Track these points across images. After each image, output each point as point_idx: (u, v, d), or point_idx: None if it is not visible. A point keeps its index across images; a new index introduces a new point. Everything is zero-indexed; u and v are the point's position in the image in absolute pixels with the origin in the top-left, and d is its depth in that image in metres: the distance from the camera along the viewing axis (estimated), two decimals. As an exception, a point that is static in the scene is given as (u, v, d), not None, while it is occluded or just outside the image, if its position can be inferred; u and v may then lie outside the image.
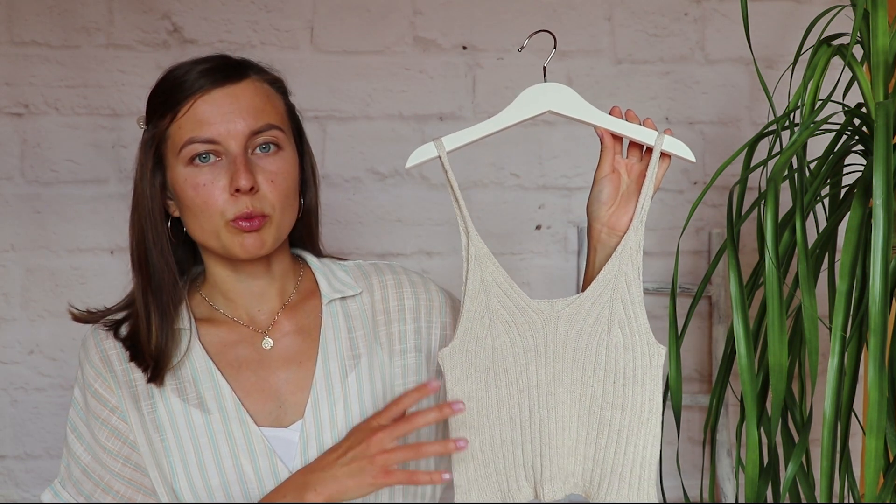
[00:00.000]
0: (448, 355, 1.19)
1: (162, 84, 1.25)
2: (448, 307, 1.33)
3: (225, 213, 1.20)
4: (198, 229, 1.23)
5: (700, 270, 2.02)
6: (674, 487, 1.90)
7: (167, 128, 1.22)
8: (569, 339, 1.19)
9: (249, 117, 1.21)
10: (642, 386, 1.18)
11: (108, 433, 1.25)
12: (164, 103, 1.23)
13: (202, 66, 1.23)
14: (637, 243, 1.20)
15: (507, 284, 1.19)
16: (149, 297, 1.25)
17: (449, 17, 1.95)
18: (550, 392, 1.19)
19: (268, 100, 1.25)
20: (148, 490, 1.25)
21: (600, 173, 1.24)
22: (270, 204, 1.22)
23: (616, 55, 1.99)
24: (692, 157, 1.22)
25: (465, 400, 1.18)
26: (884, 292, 1.31)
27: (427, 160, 1.21)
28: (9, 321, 1.88)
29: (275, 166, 1.23)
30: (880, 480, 1.38)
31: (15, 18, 1.86)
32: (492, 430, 1.19)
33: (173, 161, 1.22)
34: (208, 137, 1.20)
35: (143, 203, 1.25)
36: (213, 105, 1.20)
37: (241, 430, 1.24)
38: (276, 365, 1.27)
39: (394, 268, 1.35)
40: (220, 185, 1.20)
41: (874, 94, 1.52)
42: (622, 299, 1.19)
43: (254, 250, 1.22)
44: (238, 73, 1.23)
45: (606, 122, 1.22)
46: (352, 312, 1.30)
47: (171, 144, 1.22)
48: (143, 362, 1.25)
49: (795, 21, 2.00)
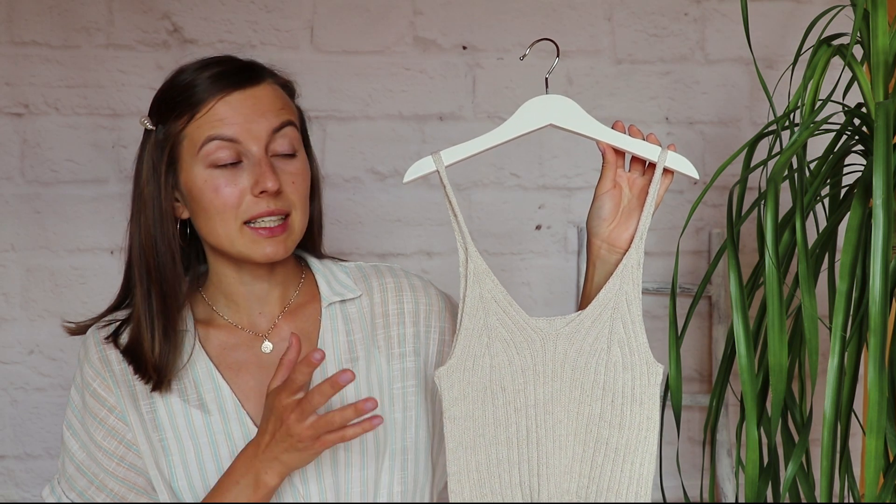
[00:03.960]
0: (445, 374, 1.17)
1: (174, 85, 1.24)
2: (447, 312, 1.33)
3: (244, 213, 1.20)
4: (212, 232, 1.22)
5: (700, 270, 2.02)
6: (674, 487, 1.90)
7: (184, 128, 1.21)
8: (567, 358, 1.18)
9: (270, 116, 1.22)
10: (640, 405, 1.18)
11: (105, 432, 1.25)
12: (180, 104, 1.21)
13: (216, 68, 1.23)
14: (637, 261, 1.20)
15: (507, 302, 1.18)
16: (153, 304, 1.23)
17: (449, 17, 1.95)
18: (548, 411, 1.18)
19: (284, 102, 1.26)
20: (141, 489, 1.25)
21: (601, 189, 1.22)
22: (293, 204, 1.23)
23: (616, 55, 1.99)
24: (696, 175, 1.21)
25: (462, 419, 1.17)
26: (884, 292, 1.31)
27: (425, 174, 1.21)
28: (9, 321, 1.88)
29: (294, 168, 1.24)
30: (880, 480, 1.38)
31: (15, 18, 1.86)
32: (488, 449, 1.18)
33: (190, 161, 1.21)
34: (230, 135, 1.19)
35: (152, 205, 1.23)
36: (233, 106, 1.20)
37: (240, 431, 1.24)
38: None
39: (394, 271, 1.35)
40: (241, 187, 1.20)
41: (874, 94, 1.52)
42: (622, 318, 1.18)
43: (275, 256, 1.22)
44: (256, 75, 1.23)
45: (609, 137, 1.21)
46: (351, 315, 1.30)
47: (187, 144, 1.21)
48: (145, 374, 1.23)
49: (795, 21, 2.00)
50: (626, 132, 1.22)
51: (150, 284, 1.23)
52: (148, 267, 1.23)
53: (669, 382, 1.54)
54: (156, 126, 1.23)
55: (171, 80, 1.25)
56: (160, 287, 1.23)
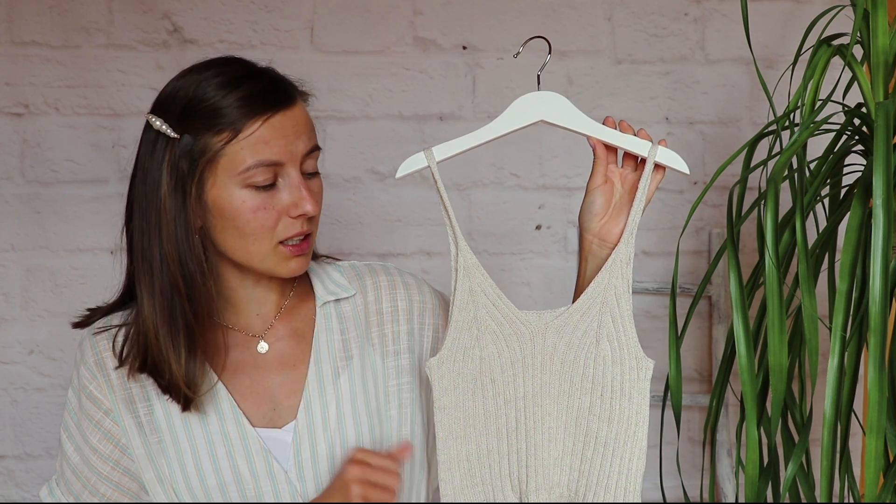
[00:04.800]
0: (436, 365, 1.19)
1: (204, 97, 1.18)
2: (441, 310, 1.33)
3: (278, 234, 1.20)
4: (240, 249, 1.21)
5: (700, 270, 2.02)
6: (674, 487, 1.90)
7: (224, 146, 1.17)
8: (556, 351, 1.19)
9: (305, 138, 1.22)
10: (630, 399, 1.18)
11: (101, 436, 1.25)
12: (218, 119, 1.17)
13: (249, 84, 1.19)
14: (627, 256, 1.20)
15: (496, 295, 1.19)
16: (178, 319, 1.19)
17: (449, 17, 1.95)
18: (537, 403, 1.19)
19: (311, 121, 1.25)
20: (133, 494, 1.26)
21: (592, 184, 1.23)
22: (315, 222, 1.24)
23: (616, 55, 1.99)
24: (686, 170, 1.21)
25: (452, 409, 1.19)
26: (884, 292, 1.31)
27: (417, 170, 1.21)
28: (9, 321, 1.88)
29: (317, 187, 1.24)
30: (880, 480, 1.38)
31: (15, 18, 1.86)
32: (478, 440, 1.19)
33: (226, 180, 1.18)
34: (275, 161, 1.18)
35: (176, 220, 1.18)
36: (276, 129, 1.18)
37: (237, 431, 1.24)
38: (270, 368, 1.28)
39: (388, 269, 1.35)
40: (278, 209, 1.19)
41: (874, 94, 1.52)
42: (611, 313, 1.19)
43: (300, 272, 1.24)
44: (291, 94, 1.22)
45: (599, 133, 1.21)
46: (345, 314, 1.31)
47: (226, 163, 1.17)
48: (176, 392, 1.21)
49: (795, 21, 2.00)
50: (617, 128, 1.22)
51: (175, 300, 1.19)
52: (174, 282, 1.19)
53: (669, 382, 1.54)
54: (180, 135, 1.18)
55: (191, 87, 1.20)
56: (189, 302, 1.20)
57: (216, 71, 1.21)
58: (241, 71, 1.22)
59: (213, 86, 1.19)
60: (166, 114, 1.20)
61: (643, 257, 2.00)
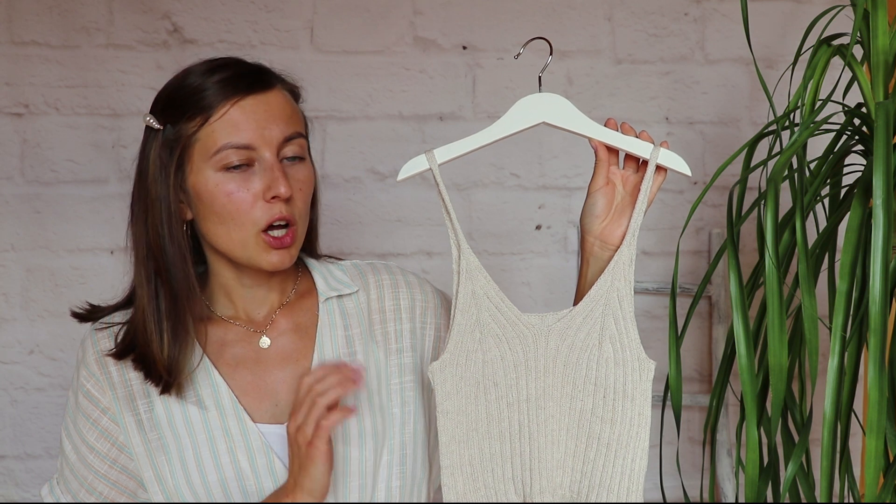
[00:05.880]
0: (438, 369, 1.19)
1: (184, 86, 1.23)
2: (443, 309, 1.33)
3: (258, 220, 1.20)
4: (223, 237, 1.22)
5: (700, 270, 2.02)
6: (674, 487, 1.90)
7: (196, 131, 1.20)
8: (559, 354, 1.19)
9: (282, 124, 1.22)
10: (632, 401, 1.18)
11: (98, 434, 1.25)
12: (191, 106, 1.21)
13: (226, 71, 1.22)
14: (629, 258, 1.20)
15: (499, 298, 1.19)
16: (161, 305, 1.22)
17: (449, 17, 1.95)
18: (540, 406, 1.19)
19: (293, 108, 1.26)
20: (130, 492, 1.26)
21: (594, 186, 1.23)
22: (299, 212, 1.23)
23: (616, 55, 1.99)
24: (688, 172, 1.21)
25: (455, 414, 1.19)
26: (884, 292, 1.31)
27: (418, 172, 1.21)
28: (9, 321, 1.88)
29: (302, 175, 1.24)
30: (880, 480, 1.38)
31: (15, 18, 1.86)
32: (481, 443, 1.19)
33: (201, 165, 1.21)
34: (245, 143, 1.19)
35: (160, 206, 1.22)
36: (247, 111, 1.20)
37: (238, 427, 1.24)
38: (272, 363, 1.28)
39: (390, 268, 1.35)
40: (253, 192, 1.20)
41: (874, 94, 1.52)
42: (614, 315, 1.19)
43: (281, 266, 1.23)
44: (267, 81, 1.24)
45: (601, 135, 1.21)
46: (348, 310, 1.31)
47: (200, 147, 1.21)
48: (156, 377, 1.23)
49: (795, 21, 2.00)
50: (619, 129, 1.22)
51: (158, 285, 1.23)
52: (157, 268, 1.23)
53: (669, 382, 1.54)
54: (163, 126, 1.22)
55: (179, 80, 1.25)
56: (170, 288, 1.23)
57: (206, 65, 1.24)
58: (225, 62, 1.25)
59: (194, 75, 1.23)
60: (154, 108, 1.25)
61: (643, 257, 2.00)
